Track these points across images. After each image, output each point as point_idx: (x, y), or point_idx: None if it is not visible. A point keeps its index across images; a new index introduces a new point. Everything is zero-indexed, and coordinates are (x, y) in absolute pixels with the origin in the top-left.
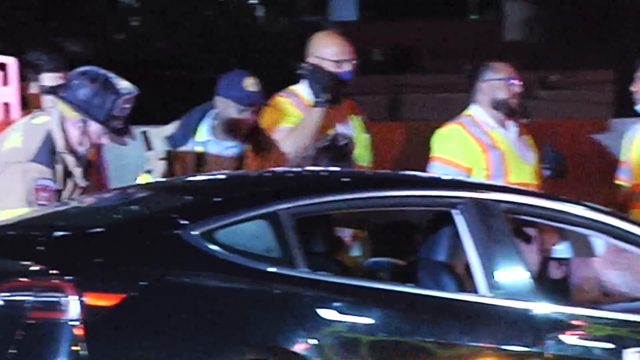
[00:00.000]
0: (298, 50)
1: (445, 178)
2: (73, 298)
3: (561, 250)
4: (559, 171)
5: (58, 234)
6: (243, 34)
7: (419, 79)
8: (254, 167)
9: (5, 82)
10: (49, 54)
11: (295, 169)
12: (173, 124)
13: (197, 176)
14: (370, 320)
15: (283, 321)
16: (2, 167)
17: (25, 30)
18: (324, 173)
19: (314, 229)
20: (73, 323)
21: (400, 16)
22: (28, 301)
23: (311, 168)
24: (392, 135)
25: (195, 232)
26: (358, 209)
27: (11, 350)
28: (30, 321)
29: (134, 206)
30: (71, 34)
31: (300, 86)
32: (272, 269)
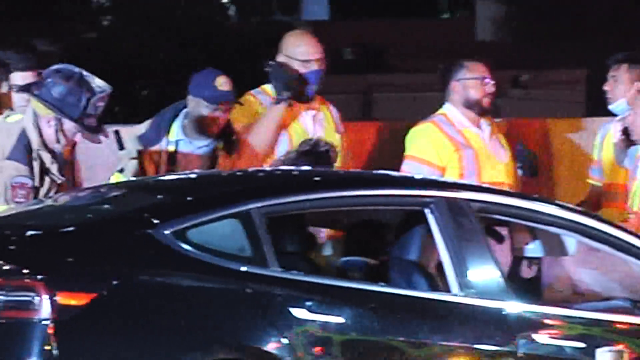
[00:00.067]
0: (270, 50)
1: (417, 177)
2: (45, 297)
3: (533, 249)
4: (532, 170)
5: (30, 233)
6: (215, 33)
7: (390, 78)
8: (226, 167)
9: None
10: (19, 53)
11: (267, 168)
12: (145, 123)
13: (169, 175)
14: (342, 319)
15: (255, 320)
16: None
17: None
18: (296, 172)
19: (286, 228)
20: (45, 322)
21: (371, 15)
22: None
23: (283, 167)
24: (364, 135)
25: (167, 231)
26: (330, 208)
27: None
28: (1, 320)
29: (106, 205)
30: (41, 34)
31: (271, 85)
32: (245, 268)
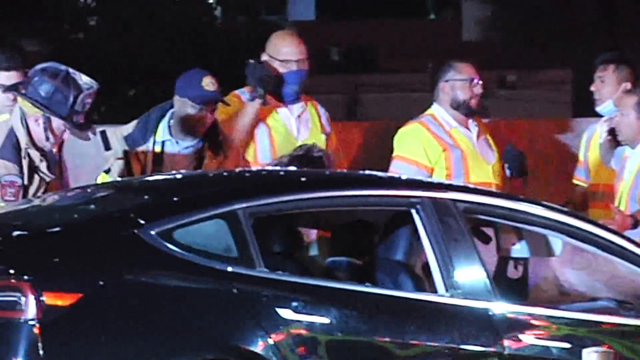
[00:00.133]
0: (256, 50)
1: (404, 177)
2: (31, 297)
3: (519, 249)
4: (521, 170)
5: (16, 233)
6: (202, 33)
7: (376, 78)
8: (213, 167)
9: None
10: (4, 53)
11: (254, 168)
12: (131, 124)
13: (155, 176)
14: (328, 320)
15: (242, 321)
16: None
17: None
18: (283, 173)
19: (272, 228)
20: (31, 323)
21: (358, 16)
22: None
23: (269, 168)
24: (350, 135)
25: (154, 232)
26: (317, 208)
27: None
28: None
29: (92, 205)
30: (28, 34)
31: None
32: (231, 269)
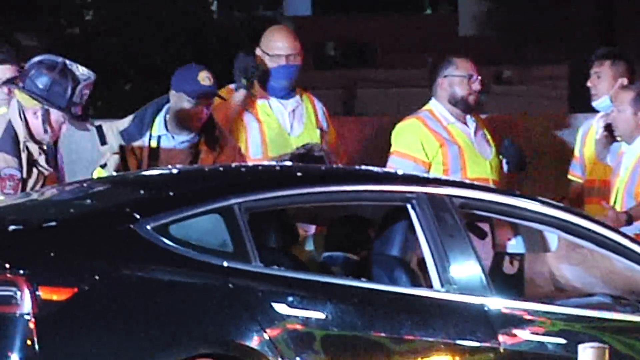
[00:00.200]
0: (252, 45)
1: (400, 173)
2: (27, 292)
3: (515, 245)
4: (520, 165)
5: (12, 227)
6: (198, 28)
7: (373, 73)
8: (208, 161)
9: None
10: None
11: (250, 163)
12: (127, 118)
13: (151, 170)
14: (324, 315)
15: (237, 315)
16: None
17: None
18: (279, 168)
19: (268, 223)
20: (27, 317)
21: (354, 11)
22: None
23: (266, 163)
24: (346, 130)
25: (150, 226)
26: (313, 203)
27: None
28: None
29: (88, 200)
30: (24, 28)
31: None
32: (227, 264)
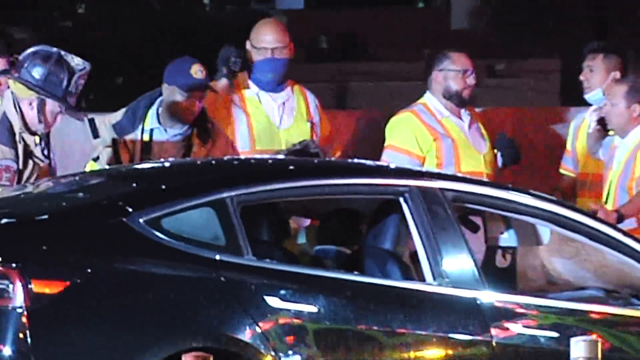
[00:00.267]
0: (245, 39)
1: (392, 166)
2: (19, 285)
3: (507, 238)
4: (515, 158)
5: (4, 221)
6: (191, 22)
7: (365, 67)
8: (201, 154)
9: None
10: None
11: (242, 156)
12: (120, 112)
13: (144, 163)
14: (316, 308)
15: (230, 309)
16: None
17: None
18: (271, 161)
19: (260, 216)
20: (19, 310)
21: (346, 4)
22: None
23: (258, 156)
24: (338, 124)
25: (142, 220)
26: (305, 196)
27: None
28: None
29: (81, 193)
30: (17, 22)
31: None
32: (219, 257)
